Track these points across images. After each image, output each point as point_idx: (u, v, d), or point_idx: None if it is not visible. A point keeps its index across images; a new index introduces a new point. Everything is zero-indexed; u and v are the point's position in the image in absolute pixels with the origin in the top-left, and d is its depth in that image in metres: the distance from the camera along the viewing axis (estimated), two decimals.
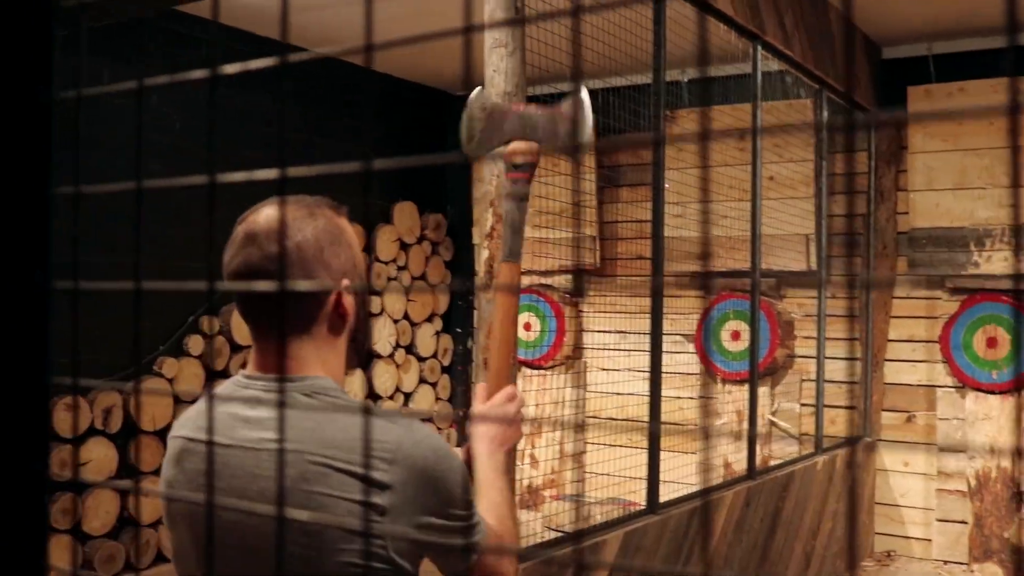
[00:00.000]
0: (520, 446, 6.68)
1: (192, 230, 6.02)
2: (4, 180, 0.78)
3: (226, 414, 1.49)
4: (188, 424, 1.58)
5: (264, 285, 1.51)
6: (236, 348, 6.23)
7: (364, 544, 1.40)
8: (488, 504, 1.68)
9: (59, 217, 0.77)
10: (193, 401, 2.65)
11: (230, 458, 1.46)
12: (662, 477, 4.39)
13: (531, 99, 3.89)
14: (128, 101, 5.60)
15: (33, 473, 0.80)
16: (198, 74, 0.71)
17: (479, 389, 1.90)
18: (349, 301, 1.54)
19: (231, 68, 0.66)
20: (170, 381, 5.87)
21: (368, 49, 0.62)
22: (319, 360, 1.51)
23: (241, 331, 6.24)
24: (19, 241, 0.77)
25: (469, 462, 1.77)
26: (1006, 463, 6.27)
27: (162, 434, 5.79)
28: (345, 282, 1.53)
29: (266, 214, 1.51)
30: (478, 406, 1.87)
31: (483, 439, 1.78)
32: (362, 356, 1.64)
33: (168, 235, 5.83)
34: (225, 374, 6.17)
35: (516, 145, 2.03)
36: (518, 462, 6.76)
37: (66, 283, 0.71)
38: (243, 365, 1.67)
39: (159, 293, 5.82)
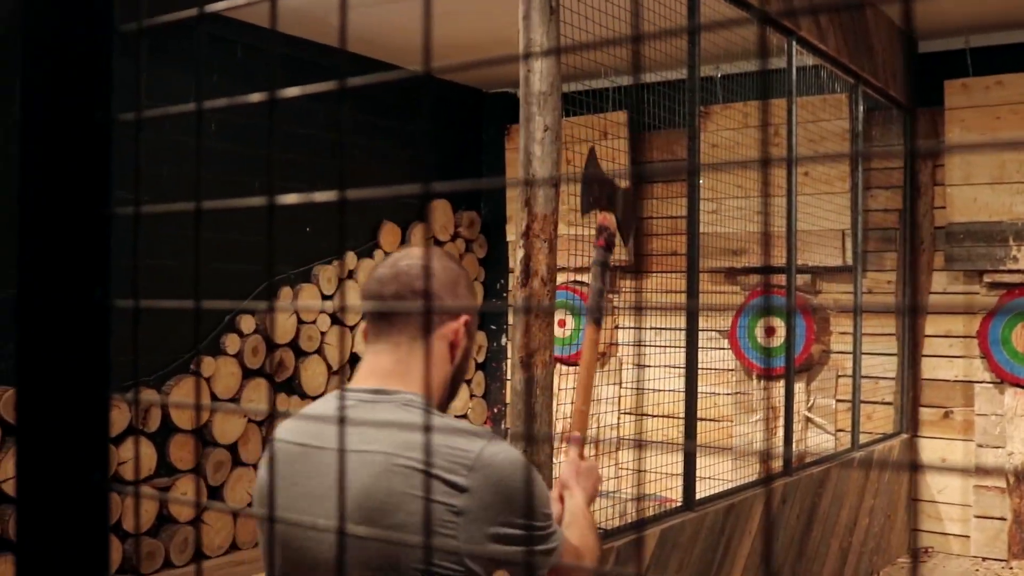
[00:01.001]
0: (557, 443, 6.69)
1: (237, 232, 6.06)
2: (65, 200, 0.80)
3: (320, 431, 1.66)
4: (285, 429, 1.73)
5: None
6: (272, 347, 6.28)
7: (433, 540, 1.52)
8: (577, 530, 1.88)
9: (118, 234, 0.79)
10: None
11: (322, 459, 1.61)
12: (699, 473, 4.39)
13: (566, 96, 3.90)
14: (167, 102, 5.65)
15: (94, 483, 0.83)
16: (256, 97, 0.72)
17: (574, 437, 2.20)
18: (462, 336, 1.73)
19: (291, 91, 0.68)
20: (207, 380, 5.92)
21: (427, 73, 0.63)
22: (420, 374, 1.67)
23: (278, 329, 6.28)
24: (80, 260, 0.79)
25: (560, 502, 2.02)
26: None
27: (198, 433, 5.85)
28: (466, 318, 1.73)
29: (407, 256, 1.73)
30: (575, 459, 2.13)
31: (580, 486, 2.04)
32: (455, 394, 1.80)
33: (206, 237, 5.88)
34: (261, 372, 6.22)
35: (606, 217, 2.34)
36: (555, 458, 6.76)
37: (126, 302, 0.73)
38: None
39: (193, 294, 5.88)
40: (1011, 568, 6.22)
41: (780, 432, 5.43)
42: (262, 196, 0.68)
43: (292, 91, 0.68)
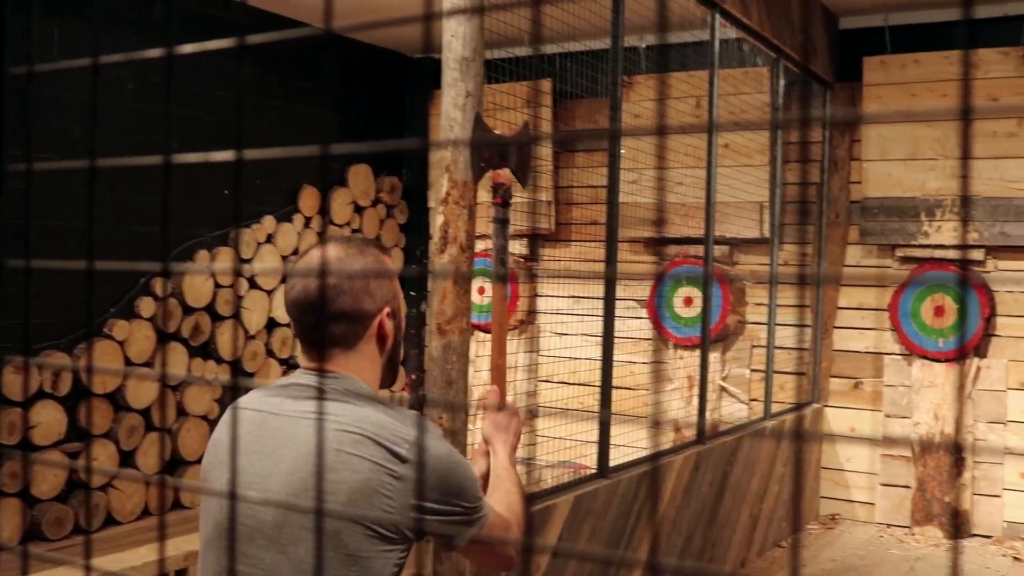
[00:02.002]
0: (473, 409, 6.72)
1: (144, 194, 5.95)
2: None
3: (268, 409, 1.81)
4: (245, 399, 1.88)
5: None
6: (188, 311, 6.19)
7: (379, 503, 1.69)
8: (503, 493, 2.05)
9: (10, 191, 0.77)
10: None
11: (275, 423, 1.78)
12: (613, 441, 4.43)
13: (489, 63, 3.88)
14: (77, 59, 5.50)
15: None
16: (153, 53, 0.71)
17: (492, 392, 2.38)
18: (389, 326, 1.87)
19: (188, 48, 0.66)
20: (121, 344, 5.83)
21: (327, 31, 0.62)
22: (358, 371, 1.83)
23: (193, 293, 6.20)
24: None
25: (486, 456, 2.20)
26: (949, 429, 6.39)
27: (112, 397, 5.75)
28: (386, 309, 1.85)
29: (323, 252, 1.85)
30: (495, 413, 2.28)
31: (501, 440, 2.21)
32: (395, 374, 1.95)
33: (120, 198, 5.76)
34: (177, 337, 6.13)
35: (499, 173, 2.46)
36: (470, 425, 6.79)
37: (18, 262, 0.71)
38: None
39: (111, 254, 5.77)
40: (913, 534, 6.39)
41: (695, 401, 5.50)
42: (157, 156, 0.66)
43: (189, 48, 0.67)
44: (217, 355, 6.43)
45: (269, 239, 6.87)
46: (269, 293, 6.82)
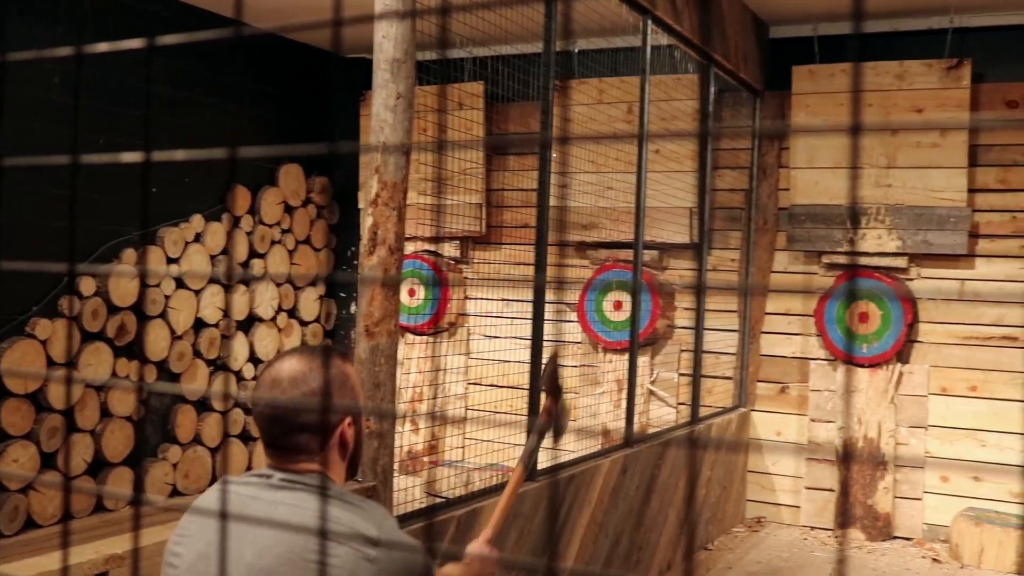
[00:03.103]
0: (401, 413, 6.70)
1: (83, 190, 5.85)
2: None
3: (246, 495, 1.87)
4: (207, 497, 1.96)
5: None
6: (113, 310, 6.10)
7: None
8: None
9: None
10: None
11: (253, 506, 1.85)
12: (542, 444, 4.43)
13: (420, 64, 3.88)
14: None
15: None
16: (64, 51, 0.69)
17: (484, 536, 2.49)
18: (350, 434, 1.94)
19: (100, 47, 0.65)
20: (43, 343, 5.72)
21: (237, 36, 0.61)
22: (324, 466, 1.91)
23: (119, 292, 6.10)
24: None
25: None
26: (872, 434, 6.50)
27: (33, 398, 5.64)
28: (347, 420, 1.93)
29: (288, 365, 1.92)
30: (481, 545, 2.42)
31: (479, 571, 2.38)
32: (355, 471, 2.05)
33: (48, 194, 5.66)
34: (101, 336, 6.03)
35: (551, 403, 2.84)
36: (399, 427, 6.77)
37: None
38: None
39: (35, 252, 5.66)
40: (836, 537, 6.49)
41: (624, 404, 5.53)
42: (64, 156, 0.65)
43: (101, 47, 0.66)
44: (143, 355, 6.34)
45: (198, 238, 6.79)
46: (197, 293, 6.74)
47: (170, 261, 6.59)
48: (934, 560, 6.09)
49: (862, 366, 6.53)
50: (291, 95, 7.78)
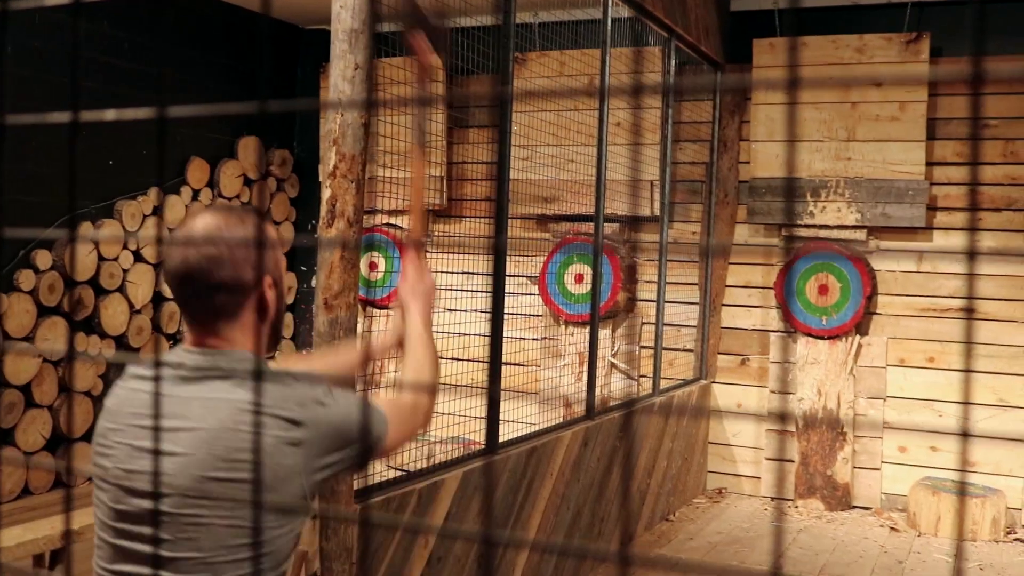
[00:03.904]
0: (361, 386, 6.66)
1: (26, 163, 5.77)
2: None
3: (173, 376, 1.78)
4: (133, 377, 1.86)
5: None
6: (70, 284, 6.03)
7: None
8: (414, 362, 2.14)
9: None
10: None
11: (168, 407, 1.74)
12: (503, 417, 4.45)
13: (378, 36, 3.84)
14: None
15: None
16: None
17: (411, 251, 2.34)
18: (271, 296, 1.84)
19: (23, 4, 0.63)
20: None
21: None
22: (242, 342, 1.82)
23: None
24: None
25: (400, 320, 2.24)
26: (831, 405, 6.55)
27: None
28: (268, 279, 1.83)
29: (203, 220, 1.80)
30: (411, 274, 2.28)
31: (415, 305, 2.24)
32: (277, 341, 1.96)
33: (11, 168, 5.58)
34: (58, 311, 5.97)
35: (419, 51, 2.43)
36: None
37: None
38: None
39: None
40: (796, 507, 6.56)
41: (585, 377, 5.54)
42: None
43: (25, 3, 0.64)
44: (101, 330, 6.28)
45: (155, 211, 6.72)
46: (155, 266, 6.68)
47: (128, 234, 6.53)
48: (892, 529, 6.17)
49: (821, 338, 6.58)
50: (253, 66, 7.70)
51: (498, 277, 4.46)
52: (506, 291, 4.50)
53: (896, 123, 6.41)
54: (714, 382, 6.99)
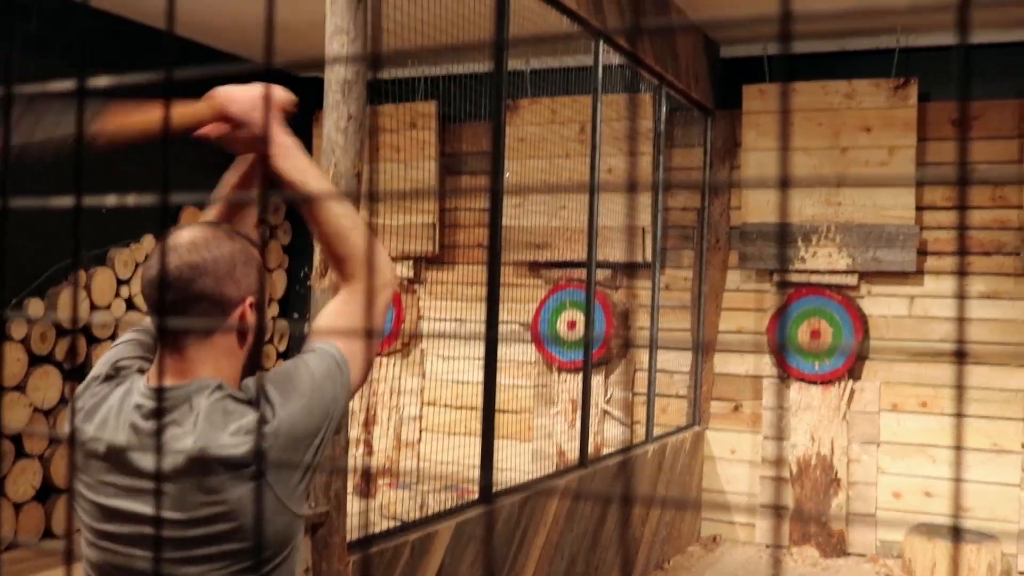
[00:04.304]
0: (354, 434, 6.64)
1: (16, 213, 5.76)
2: None
3: (126, 420, 1.68)
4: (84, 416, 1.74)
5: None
6: (61, 333, 6.01)
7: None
8: (336, 222, 1.83)
9: None
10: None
11: (135, 460, 1.65)
12: (498, 465, 4.42)
13: (373, 85, 3.86)
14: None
15: None
16: None
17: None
18: (251, 318, 1.71)
19: (28, 88, 0.63)
20: None
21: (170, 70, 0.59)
22: (214, 365, 1.69)
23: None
24: None
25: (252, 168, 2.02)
26: (825, 451, 6.53)
27: None
28: (250, 299, 1.71)
29: (189, 232, 1.71)
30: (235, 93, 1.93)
31: (261, 116, 1.90)
32: (255, 367, 1.79)
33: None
34: (50, 359, 5.94)
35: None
36: (352, 450, 6.72)
37: None
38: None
39: None
40: (792, 554, 6.52)
41: (578, 424, 5.52)
42: None
43: (30, 88, 0.64)
44: None
45: (148, 259, 6.71)
46: (148, 315, 6.66)
47: (120, 282, 6.51)
48: None
49: (814, 383, 6.57)
50: None
51: (491, 324, 4.45)
52: (499, 338, 4.49)
53: (885, 168, 6.44)
54: (707, 428, 6.97)
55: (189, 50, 7.05)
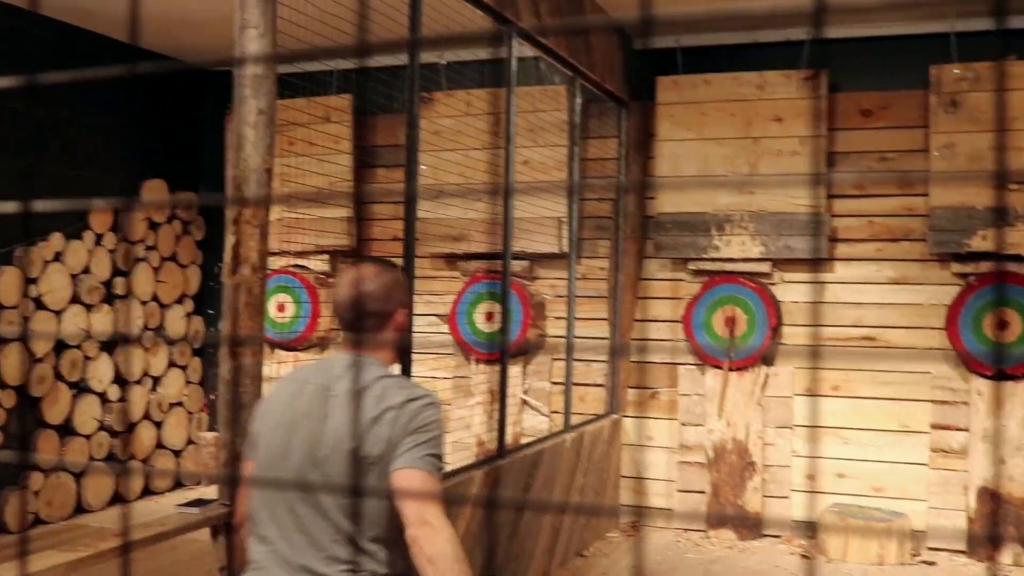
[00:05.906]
0: None
1: None
2: None
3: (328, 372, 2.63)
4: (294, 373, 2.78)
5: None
6: None
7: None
8: None
9: None
10: None
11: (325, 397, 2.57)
12: None
13: (281, 77, 3.84)
14: None
15: None
16: None
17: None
18: (403, 322, 2.71)
19: None
20: None
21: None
22: (382, 353, 2.66)
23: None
24: None
25: None
26: (740, 435, 6.64)
27: None
28: (402, 310, 2.70)
29: (364, 268, 2.74)
30: None
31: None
32: (400, 354, 2.66)
33: None
34: None
35: None
36: None
37: None
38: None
39: None
40: (708, 538, 6.62)
41: (496, 415, 5.55)
42: None
43: None
44: (1, 380, 6.13)
45: (57, 257, 6.59)
46: (57, 314, 6.54)
47: (29, 282, 6.39)
48: (802, 556, 6.26)
49: (730, 370, 6.67)
50: (159, 108, 7.61)
51: (407, 317, 4.44)
52: (416, 330, 4.49)
53: (797, 157, 6.55)
54: (624, 416, 7.04)
55: (102, 46, 6.93)
